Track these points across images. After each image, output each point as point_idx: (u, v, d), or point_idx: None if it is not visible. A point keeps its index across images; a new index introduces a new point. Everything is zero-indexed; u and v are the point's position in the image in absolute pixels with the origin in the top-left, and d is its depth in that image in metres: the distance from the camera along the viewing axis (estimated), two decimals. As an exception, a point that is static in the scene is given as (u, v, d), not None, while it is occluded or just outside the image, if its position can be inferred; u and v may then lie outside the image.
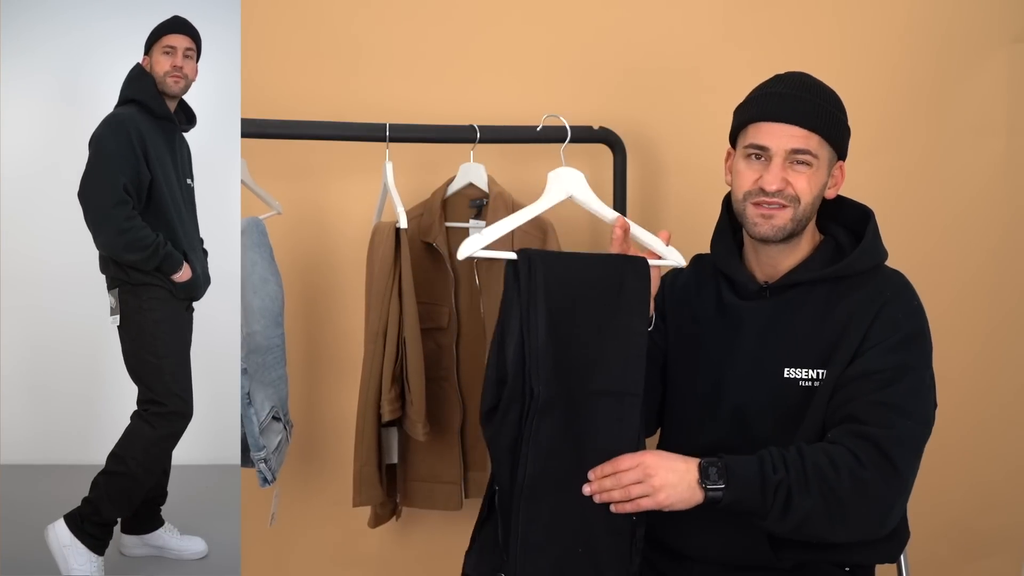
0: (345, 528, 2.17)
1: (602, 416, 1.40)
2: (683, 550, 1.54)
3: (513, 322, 1.37)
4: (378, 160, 1.90)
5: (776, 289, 1.53)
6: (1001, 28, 2.24)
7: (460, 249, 1.41)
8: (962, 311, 2.25)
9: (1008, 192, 2.29)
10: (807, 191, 1.47)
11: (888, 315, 1.45)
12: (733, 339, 1.54)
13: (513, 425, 1.36)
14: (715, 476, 1.34)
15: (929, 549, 2.00)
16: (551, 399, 1.35)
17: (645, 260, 1.46)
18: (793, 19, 2.19)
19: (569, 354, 1.37)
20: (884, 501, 1.38)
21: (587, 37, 2.17)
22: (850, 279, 1.50)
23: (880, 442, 1.36)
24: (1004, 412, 2.33)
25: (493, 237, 1.42)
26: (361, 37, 2.12)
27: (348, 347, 2.11)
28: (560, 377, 1.36)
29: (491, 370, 1.39)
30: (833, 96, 1.52)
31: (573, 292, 1.39)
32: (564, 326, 1.37)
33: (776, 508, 1.34)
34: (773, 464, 1.35)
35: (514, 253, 1.39)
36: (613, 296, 1.41)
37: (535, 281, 1.36)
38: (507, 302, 1.39)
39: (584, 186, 1.53)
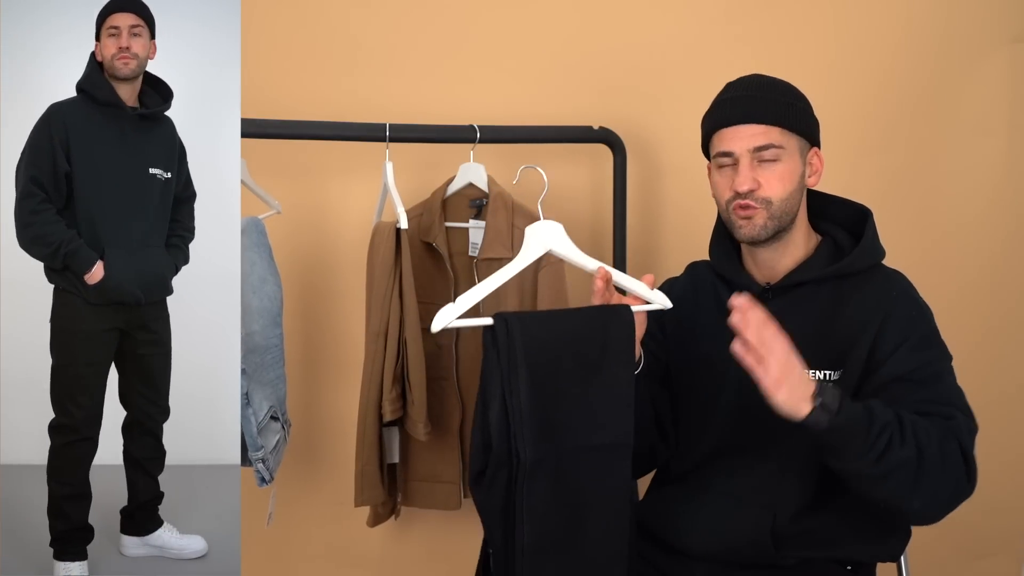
0: (345, 528, 2.17)
1: (594, 471, 1.38)
2: (685, 548, 1.54)
3: (494, 387, 1.34)
4: (378, 160, 1.89)
5: (778, 290, 1.54)
6: (1001, 28, 2.24)
7: (434, 322, 1.36)
8: (962, 311, 2.25)
9: (1008, 192, 2.29)
10: (779, 188, 1.47)
11: (901, 313, 1.46)
12: (734, 342, 1.54)
13: (502, 489, 1.34)
14: (830, 398, 1.29)
15: (929, 549, 2.00)
16: (538, 461, 1.33)
17: (628, 308, 1.43)
18: (793, 19, 2.20)
19: (556, 413, 1.35)
20: (960, 485, 1.37)
21: (588, 37, 2.17)
22: (852, 278, 1.51)
23: (952, 429, 1.36)
24: (1004, 412, 2.33)
25: (466, 306, 1.37)
26: (361, 37, 2.12)
27: (348, 347, 2.11)
28: (547, 437, 1.34)
29: (476, 434, 1.36)
30: (787, 88, 1.53)
31: (555, 350, 1.37)
32: (548, 385, 1.35)
33: (876, 449, 1.31)
34: (882, 410, 1.32)
35: (490, 318, 1.36)
36: (597, 349, 1.39)
37: (514, 344, 1.33)
38: (487, 366, 1.36)
39: (563, 238, 1.48)
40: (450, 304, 1.38)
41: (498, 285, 1.42)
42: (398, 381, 1.87)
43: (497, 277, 1.43)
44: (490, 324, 1.36)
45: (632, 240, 2.14)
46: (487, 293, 1.41)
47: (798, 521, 1.47)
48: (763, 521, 1.47)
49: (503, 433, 1.33)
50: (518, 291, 1.91)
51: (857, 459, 1.33)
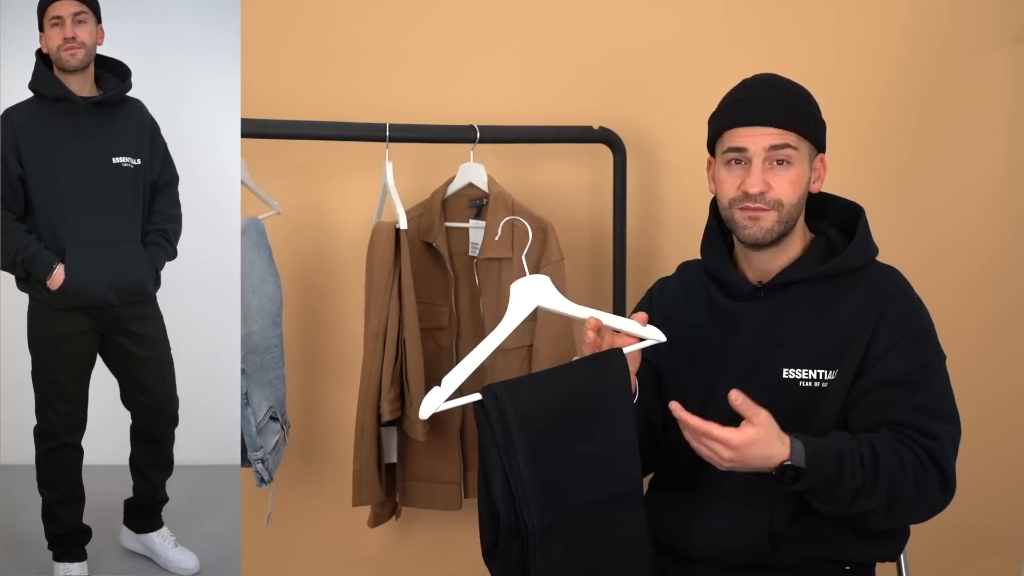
0: (345, 528, 2.17)
1: (606, 524, 1.37)
2: (683, 550, 1.54)
3: (493, 460, 1.32)
4: (378, 160, 1.89)
5: (771, 289, 1.53)
6: (1001, 28, 2.24)
7: (421, 409, 1.32)
8: (962, 311, 2.25)
9: (1008, 192, 2.29)
10: (790, 192, 1.47)
11: (895, 313, 1.46)
12: (728, 341, 1.54)
13: (516, 559, 1.33)
14: (788, 478, 1.33)
15: (929, 548, 2.00)
16: (547, 528, 1.32)
17: (619, 352, 1.40)
18: (793, 19, 2.19)
19: (560, 474, 1.33)
20: (935, 504, 1.41)
21: (588, 37, 2.17)
22: (845, 276, 1.50)
23: (934, 454, 1.38)
24: (1004, 411, 2.33)
25: (453, 387, 1.33)
26: (361, 37, 2.12)
27: (347, 347, 2.11)
28: (554, 501, 1.33)
29: (482, 507, 1.35)
30: (802, 92, 1.52)
31: (550, 412, 1.34)
32: (548, 449, 1.33)
33: (840, 504, 1.36)
34: (852, 467, 1.34)
35: (479, 394, 1.32)
36: (593, 402, 1.37)
37: (505, 415, 1.31)
38: (482, 440, 1.34)
39: (549, 290, 1.43)
40: (436, 388, 1.33)
41: (484, 357, 1.36)
42: (397, 381, 1.87)
43: (482, 349, 1.37)
44: (479, 399, 1.33)
45: (632, 240, 2.14)
46: (472, 370, 1.35)
47: (795, 522, 1.47)
48: (760, 522, 1.47)
49: (509, 504, 1.32)
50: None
51: (820, 505, 1.39)
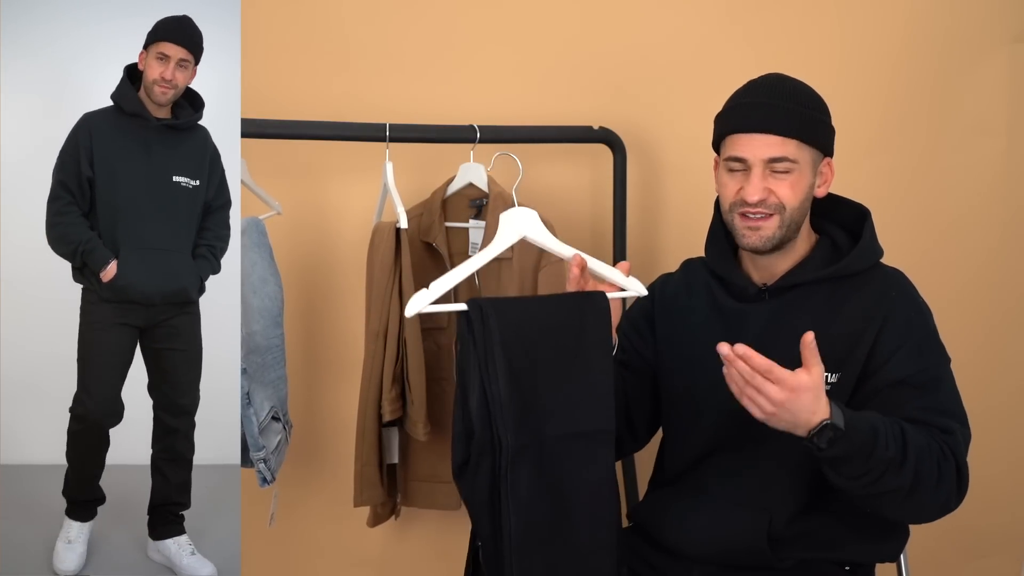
0: (345, 528, 2.17)
1: (577, 458, 1.38)
2: (683, 549, 1.54)
3: (472, 373, 1.33)
4: (378, 160, 1.89)
5: (775, 290, 1.53)
6: (1001, 28, 2.24)
7: (407, 307, 1.35)
8: (962, 311, 2.25)
9: (1008, 192, 2.29)
10: (791, 197, 1.46)
11: (900, 316, 1.46)
12: (731, 342, 1.54)
13: (486, 478, 1.34)
14: (825, 439, 1.29)
15: (929, 549, 2.00)
16: (521, 448, 1.33)
17: (603, 294, 1.42)
18: (794, 19, 2.20)
19: (535, 401, 1.35)
20: (949, 499, 1.39)
21: (588, 37, 2.17)
22: (851, 279, 1.50)
23: (952, 447, 1.38)
24: (1004, 411, 2.34)
25: (440, 291, 1.36)
26: (361, 37, 2.12)
27: (348, 347, 2.11)
28: (528, 425, 1.34)
29: (457, 424, 1.35)
30: (808, 96, 1.50)
31: (531, 337, 1.36)
32: (526, 373, 1.34)
33: (867, 478, 1.32)
34: (886, 440, 1.32)
35: (464, 304, 1.35)
36: (574, 336, 1.38)
37: (489, 330, 1.32)
38: (463, 354, 1.36)
39: (537, 225, 1.46)
40: (423, 290, 1.35)
41: (473, 270, 1.40)
42: (397, 381, 1.87)
43: (471, 263, 1.41)
44: (465, 310, 1.34)
45: (632, 240, 2.14)
46: (462, 278, 1.39)
47: (795, 523, 1.47)
48: (759, 523, 1.47)
49: (484, 420, 1.32)
50: (518, 291, 1.91)
51: (850, 480, 1.34)
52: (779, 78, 1.51)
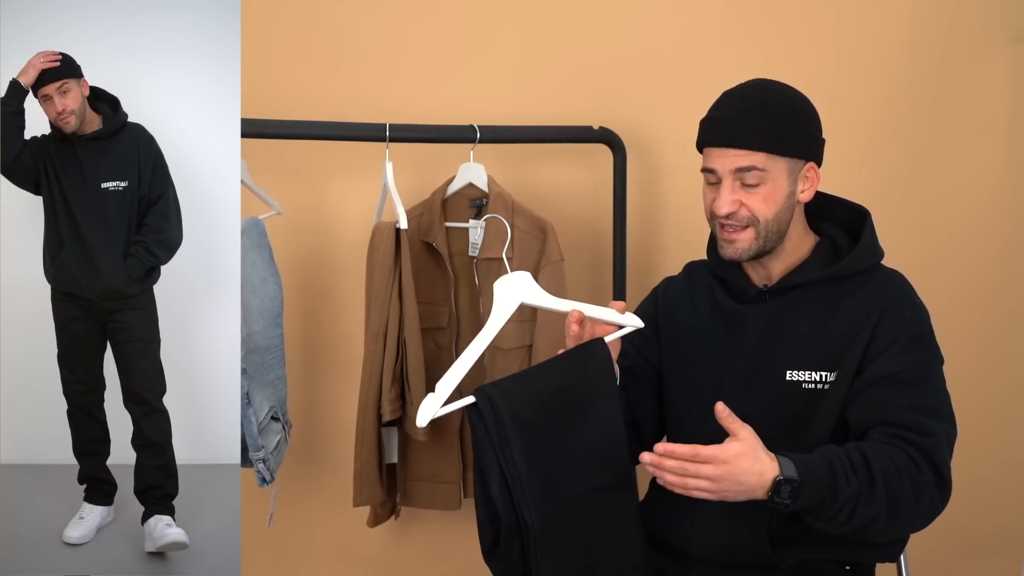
0: (345, 528, 2.17)
1: (601, 511, 1.39)
2: (683, 549, 1.54)
3: (490, 461, 1.34)
4: (378, 160, 1.89)
5: (776, 292, 1.53)
6: (1001, 28, 2.24)
7: (419, 416, 1.35)
8: (963, 311, 2.25)
9: (1009, 192, 2.28)
10: (764, 208, 1.46)
11: (895, 314, 1.45)
12: (733, 343, 1.54)
13: (518, 557, 1.35)
14: (786, 494, 1.29)
15: (929, 549, 2.00)
16: (546, 523, 1.34)
17: (601, 341, 1.43)
18: (794, 19, 2.19)
19: (554, 469, 1.35)
20: (934, 506, 1.38)
21: (587, 37, 2.17)
22: (850, 279, 1.50)
23: (928, 450, 1.37)
24: (1004, 412, 2.33)
25: (447, 392, 1.35)
26: (361, 37, 2.12)
27: (347, 347, 2.11)
28: (550, 495, 1.35)
29: (480, 509, 1.36)
30: (783, 105, 1.46)
31: (541, 407, 1.36)
32: (542, 444, 1.35)
33: (841, 517, 1.32)
34: (845, 474, 1.32)
35: (472, 397, 1.35)
36: (582, 391, 1.39)
37: (500, 415, 1.33)
38: (477, 441, 1.36)
39: (532, 287, 1.44)
40: (431, 395, 1.35)
41: (474, 360, 1.38)
42: (397, 381, 1.87)
43: (472, 351, 1.39)
44: (473, 401, 1.35)
45: (632, 240, 2.14)
46: (464, 372, 1.38)
47: (795, 523, 1.47)
48: (760, 522, 1.47)
49: (508, 503, 1.33)
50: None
51: (823, 523, 1.34)
52: (756, 87, 1.49)
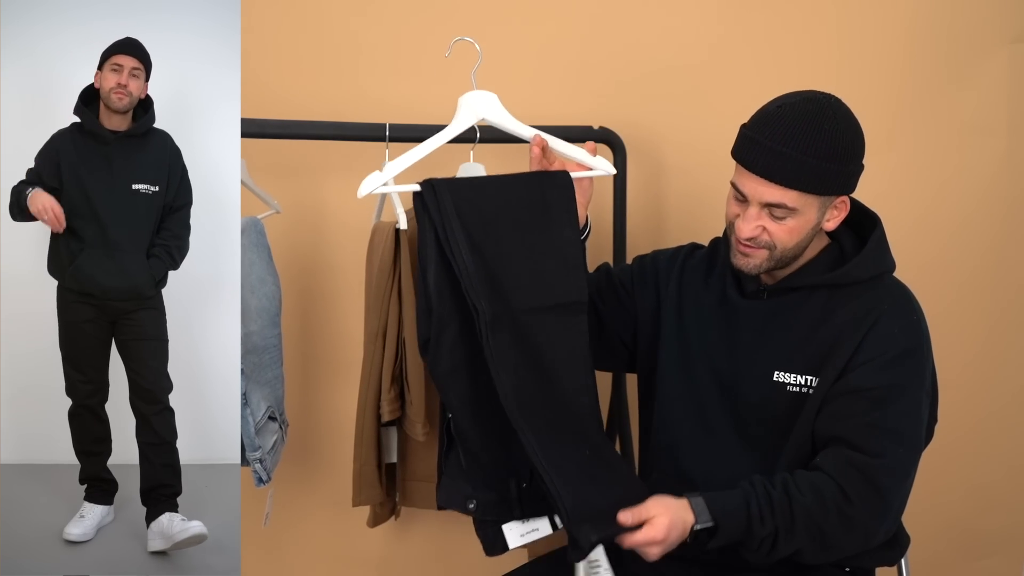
0: (344, 528, 2.17)
1: (552, 331, 1.39)
2: (682, 549, 1.54)
3: (429, 249, 1.35)
4: (378, 160, 1.89)
5: (774, 291, 1.53)
6: (1001, 28, 2.24)
7: (360, 188, 1.35)
8: (962, 311, 2.25)
9: (1008, 192, 2.28)
10: (786, 239, 1.45)
11: (883, 329, 1.44)
12: (731, 335, 1.54)
13: (448, 349, 1.36)
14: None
15: (929, 549, 2.00)
16: (497, 315, 1.33)
17: (565, 172, 1.43)
18: (794, 19, 2.19)
19: (502, 275, 1.35)
20: (869, 531, 1.40)
21: (587, 37, 2.17)
22: (849, 287, 1.49)
23: (870, 472, 1.37)
24: (1004, 412, 2.33)
25: (393, 173, 1.36)
26: (361, 37, 2.12)
27: (346, 347, 2.11)
28: (499, 296, 1.34)
29: (420, 300, 1.38)
30: (831, 143, 1.40)
31: (491, 214, 1.37)
32: (488, 247, 1.35)
33: (761, 551, 1.38)
34: (760, 515, 1.35)
35: (417, 184, 1.35)
36: (537, 212, 1.39)
37: (445, 207, 1.33)
38: (421, 231, 1.37)
39: (497, 107, 1.43)
40: (375, 172, 1.36)
41: (428, 152, 1.40)
42: (396, 381, 1.87)
43: (428, 144, 1.41)
44: (418, 190, 1.36)
45: (632, 240, 2.14)
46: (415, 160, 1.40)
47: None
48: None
49: (443, 294, 1.35)
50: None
51: (753, 555, 1.39)
52: (807, 115, 1.41)
